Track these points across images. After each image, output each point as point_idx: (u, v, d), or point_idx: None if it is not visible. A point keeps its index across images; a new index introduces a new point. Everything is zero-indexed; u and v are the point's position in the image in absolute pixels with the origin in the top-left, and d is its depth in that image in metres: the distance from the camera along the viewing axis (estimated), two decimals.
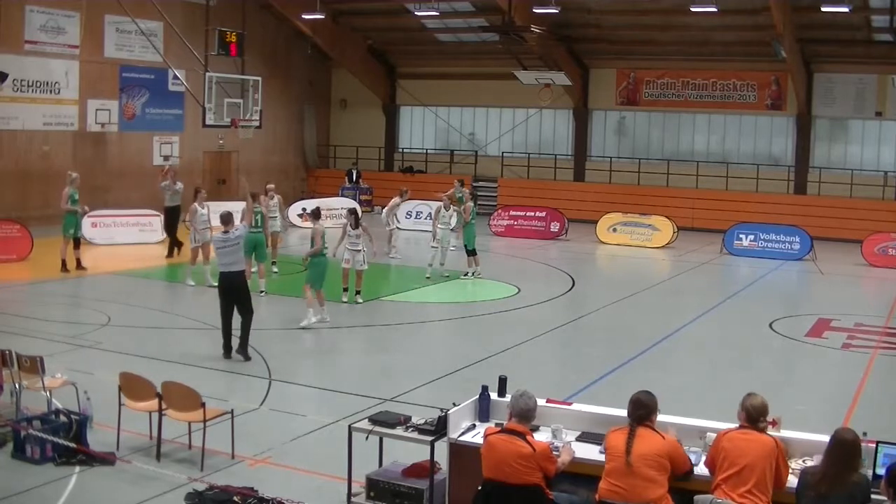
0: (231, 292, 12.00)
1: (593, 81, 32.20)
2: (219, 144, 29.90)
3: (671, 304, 17.67)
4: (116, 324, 14.16)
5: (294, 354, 13.08)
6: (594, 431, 6.95)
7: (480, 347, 13.17)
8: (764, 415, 6.15)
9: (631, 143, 32.18)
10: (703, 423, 6.98)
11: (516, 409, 6.29)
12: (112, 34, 27.13)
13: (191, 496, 7.49)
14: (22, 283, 17.77)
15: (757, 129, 30.37)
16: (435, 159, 34.42)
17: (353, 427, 7.44)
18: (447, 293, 17.91)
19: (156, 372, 9.46)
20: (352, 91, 35.79)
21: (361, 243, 15.68)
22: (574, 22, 29.51)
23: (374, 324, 14.99)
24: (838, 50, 27.70)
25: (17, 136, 24.98)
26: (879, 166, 28.49)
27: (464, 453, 6.92)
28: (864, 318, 16.35)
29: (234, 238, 11.98)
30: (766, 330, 15.15)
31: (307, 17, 29.95)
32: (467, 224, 19.27)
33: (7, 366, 9.10)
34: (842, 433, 5.87)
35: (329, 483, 7.97)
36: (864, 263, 22.85)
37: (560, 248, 24.86)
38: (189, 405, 8.40)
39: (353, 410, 9.56)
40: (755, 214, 26.78)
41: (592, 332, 15.24)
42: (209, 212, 17.76)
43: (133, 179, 27.76)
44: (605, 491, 6.10)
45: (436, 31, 32.69)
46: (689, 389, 11.42)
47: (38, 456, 8.25)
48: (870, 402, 11.23)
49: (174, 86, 27.99)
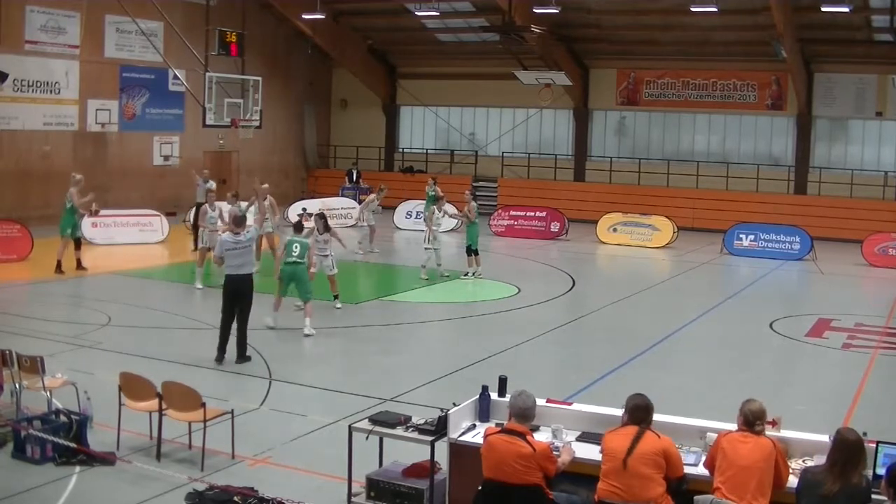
0: (236, 295, 11.81)
1: (593, 81, 32.20)
2: (219, 144, 29.89)
3: (671, 304, 17.66)
4: (116, 324, 14.16)
5: (294, 354, 13.08)
6: (594, 431, 6.94)
7: (480, 347, 13.17)
8: (761, 419, 6.16)
9: (631, 143, 32.19)
10: (703, 423, 6.98)
11: (515, 409, 6.30)
12: (112, 34, 27.13)
13: (191, 496, 7.49)
14: (22, 283, 17.77)
15: (757, 129, 30.38)
16: (435, 159, 34.41)
17: (353, 427, 7.44)
18: (447, 293, 17.90)
19: (156, 372, 9.46)
20: (352, 91, 35.80)
21: (329, 248, 15.52)
22: (574, 22, 29.51)
23: (374, 324, 14.99)
24: (838, 50, 27.70)
25: (17, 136, 24.98)
26: (879, 166, 28.50)
27: (464, 453, 6.92)
28: (865, 318, 16.35)
29: (246, 240, 11.85)
30: (767, 330, 15.15)
31: (307, 17, 29.95)
32: (471, 224, 19.26)
33: (7, 366, 9.10)
34: (845, 433, 5.86)
35: (329, 483, 7.97)
36: (865, 263, 22.85)
37: (560, 248, 24.85)
38: (189, 405, 8.40)
39: (353, 410, 9.56)
40: (755, 214, 26.77)
41: (592, 332, 15.24)
42: (220, 213, 17.61)
43: (133, 179, 27.78)
44: (604, 491, 6.10)
45: (436, 31, 32.69)
46: (689, 389, 11.42)
47: (39, 456, 8.25)
48: (870, 402, 11.22)
49: (174, 86, 28.00)
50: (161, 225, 23.84)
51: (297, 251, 13.92)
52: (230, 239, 11.86)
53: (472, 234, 19.26)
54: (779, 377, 12.55)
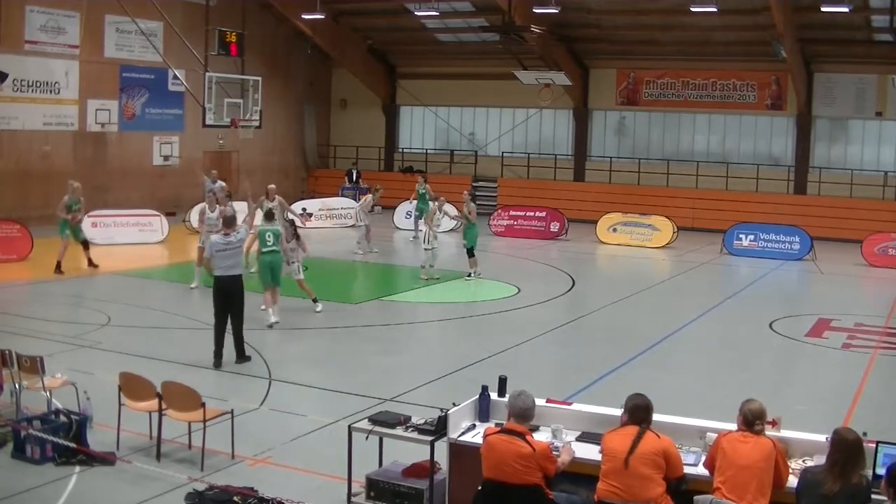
0: (228, 296, 11.74)
1: (593, 81, 32.20)
2: (219, 144, 29.90)
3: (671, 304, 17.66)
4: (116, 324, 14.16)
5: (294, 354, 13.08)
6: (594, 431, 6.94)
7: (480, 347, 13.16)
8: (760, 419, 6.16)
9: (631, 143, 32.18)
10: (703, 423, 6.98)
11: (514, 409, 6.30)
12: (112, 34, 27.13)
13: (191, 496, 7.49)
14: (22, 283, 17.77)
15: (757, 129, 30.37)
16: (435, 159, 34.41)
17: (353, 427, 7.44)
18: (447, 293, 17.90)
19: (156, 372, 9.46)
20: (352, 91, 35.79)
21: (296, 255, 15.27)
22: (574, 22, 29.50)
23: (374, 324, 14.99)
24: (838, 50, 27.70)
25: (17, 136, 24.98)
26: (879, 166, 28.49)
27: (464, 453, 6.93)
28: (864, 318, 16.35)
29: (237, 241, 11.82)
30: (766, 330, 15.14)
31: (307, 17, 29.95)
32: (470, 225, 19.19)
33: (7, 366, 9.10)
34: (843, 433, 5.86)
35: (329, 483, 7.97)
36: (864, 263, 22.84)
37: (560, 248, 24.85)
38: (189, 405, 8.40)
39: (353, 410, 9.56)
40: (755, 214, 26.76)
41: (592, 332, 15.23)
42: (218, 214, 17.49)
43: (133, 179, 27.78)
44: (604, 492, 6.10)
45: (436, 31, 32.69)
46: (689, 389, 11.42)
47: (38, 456, 8.25)
48: (870, 402, 11.22)
49: (174, 86, 28.00)
50: (161, 225, 23.83)
51: (272, 240, 14.17)
52: (221, 240, 11.78)
53: (472, 235, 19.19)
54: (779, 377, 12.55)
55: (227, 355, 11.87)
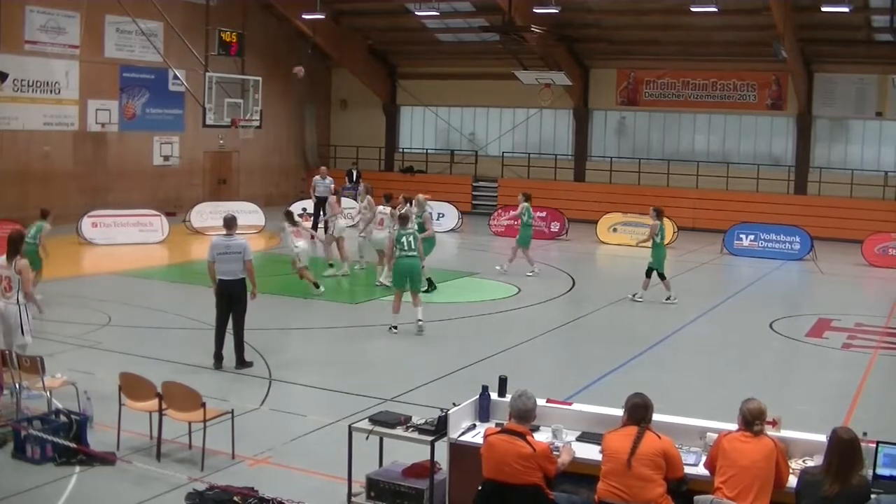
0: (229, 301, 11.62)
1: (593, 81, 32.19)
2: (219, 144, 29.87)
3: (671, 303, 17.65)
4: (116, 324, 14.16)
5: (294, 354, 13.07)
6: (594, 431, 6.94)
7: (480, 347, 13.16)
8: (760, 418, 6.15)
9: (631, 143, 32.18)
10: (703, 423, 6.99)
11: (515, 410, 6.30)
12: (112, 34, 27.11)
13: (191, 496, 7.49)
14: None
15: (757, 129, 30.36)
16: (435, 159, 34.41)
17: (353, 427, 7.44)
18: (447, 293, 17.88)
19: (156, 372, 9.47)
20: (352, 91, 35.78)
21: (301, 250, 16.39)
22: (574, 22, 29.49)
23: (374, 324, 14.98)
24: (838, 50, 27.69)
25: (17, 136, 24.97)
26: (880, 166, 28.48)
27: (464, 453, 6.92)
28: (865, 318, 16.35)
29: (237, 246, 11.60)
30: (767, 330, 15.14)
31: (307, 17, 29.93)
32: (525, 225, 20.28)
33: (7, 366, 9.10)
34: (840, 433, 5.86)
35: (329, 483, 7.97)
36: (865, 263, 22.85)
37: (560, 248, 24.85)
38: (189, 405, 8.40)
39: (353, 410, 9.55)
40: (755, 214, 26.76)
41: (592, 332, 15.23)
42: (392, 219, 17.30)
43: (133, 179, 27.78)
44: (604, 492, 6.10)
45: (436, 32, 32.68)
46: (689, 389, 11.42)
47: (39, 456, 8.25)
48: (870, 402, 11.22)
49: (174, 86, 27.99)
50: (161, 225, 23.84)
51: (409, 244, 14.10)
52: (221, 242, 11.66)
53: (525, 236, 20.32)
54: (779, 377, 12.55)
55: (227, 356, 11.85)
